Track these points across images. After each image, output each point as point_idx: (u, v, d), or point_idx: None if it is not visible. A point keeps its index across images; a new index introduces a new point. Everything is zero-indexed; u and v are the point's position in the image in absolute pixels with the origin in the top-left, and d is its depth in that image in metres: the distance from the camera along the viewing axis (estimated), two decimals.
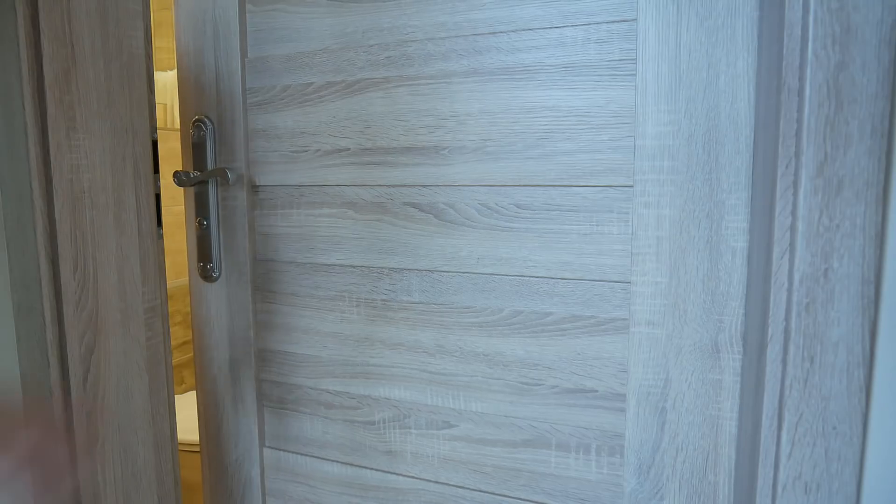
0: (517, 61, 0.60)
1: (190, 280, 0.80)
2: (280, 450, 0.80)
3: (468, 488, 0.68)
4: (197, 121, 0.76)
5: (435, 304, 0.67)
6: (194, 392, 1.94)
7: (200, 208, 0.77)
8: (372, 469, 0.73)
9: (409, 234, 0.68)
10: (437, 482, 0.70)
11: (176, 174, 0.78)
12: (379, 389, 0.72)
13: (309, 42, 0.70)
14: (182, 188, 0.66)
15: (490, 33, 0.61)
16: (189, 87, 0.77)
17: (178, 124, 2.11)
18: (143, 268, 0.84)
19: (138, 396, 0.83)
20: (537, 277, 0.62)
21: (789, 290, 0.47)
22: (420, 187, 0.66)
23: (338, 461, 0.75)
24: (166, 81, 2.11)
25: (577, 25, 0.58)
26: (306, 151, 0.72)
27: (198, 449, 1.54)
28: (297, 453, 0.79)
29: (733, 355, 0.52)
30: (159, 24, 2.07)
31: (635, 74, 0.55)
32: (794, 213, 0.46)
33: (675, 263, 0.55)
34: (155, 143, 0.85)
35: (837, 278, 0.46)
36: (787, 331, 0.47)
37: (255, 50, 0.73)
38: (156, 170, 0.85)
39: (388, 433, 0.73)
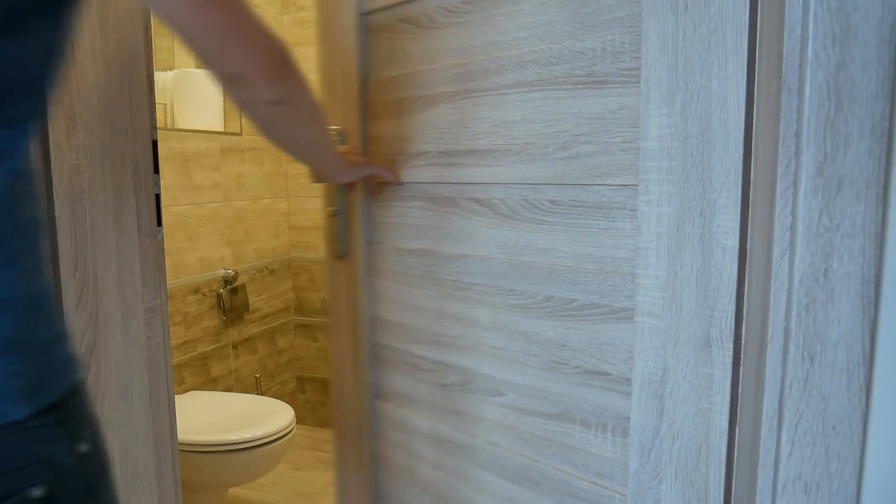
0: (550, 73, 0.66)
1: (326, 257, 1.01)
2: (384, 401, 0.93)
3: (511, 451, 0.75)
4: (332, 129, 0.93)
5: (489, 286, 0.75)
6: (194, 392, 1.94)
7: (330, 200, 0.95)
8: (444, 425, 0.84)
9: (471, 224, 0.77)
10: (489, 443, 0.77)
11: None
12: (449, 357, 0.82)
13: (406, 63, 0.83)
14: (316, 183, 0.90)
15: (530, 49, 0.68)
16: (327, 101, 0.96)
17: (178, 124, 2.11)
18: (143, 268, 0.84)
19: (138, 396, 0.83)
20: (565, 267, 0.67)
21: (789, 290, 0.47)
22: (480, 185, 0.75)
23: (421, 415, 0.87)
24: (166, 81, 2.11)
25: (596, 38, 0.61)
26: (402, 154, 0.85)
27: (200, 449, 1.55)
28: (395, 405, 0.92)
29: (723, 351, 0.53)
30: (159, 24, 2.07)
31: (639, 81, 0.57)
32: (794, 212, 0.46)
33: (673, 258, 0.56)
34: (155, 144, 0.85)
35: (837, 278, 0.46)
36: (787, 330, 0.47)
37: (372, 71, 0.89)
38: (156, 170, 0.85)
39: (455, 395, 0.82)
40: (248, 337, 2.43)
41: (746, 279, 0.52)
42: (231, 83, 0.64)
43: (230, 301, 2.26)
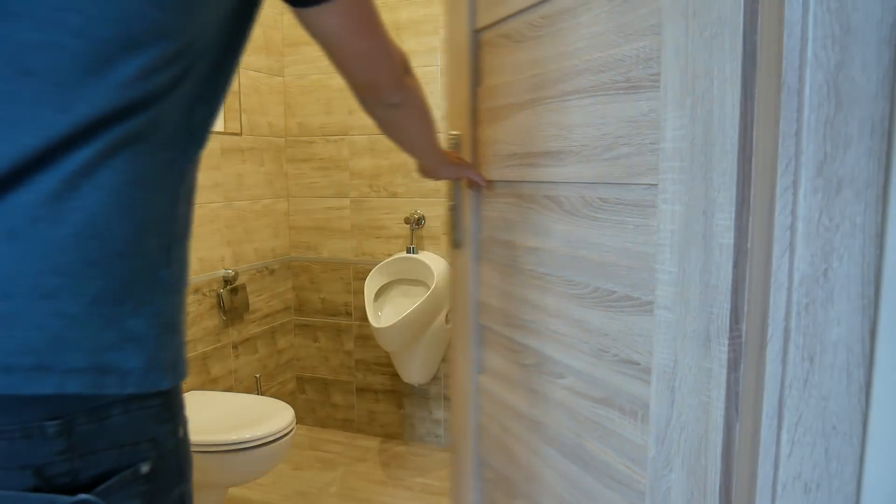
0: (599, 80, 0.70)
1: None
2: (485, 376, 1.04)
3: (569, 430, 0.80)
4: (452, 134, 1.07)
5: (555, 276, 0.82)
6: (194, 392, 1.94)
7: (450, 196, 1.09)
8: (523, 401, 0.91)
9: (544, 219, 0.84)
10: (554, 421, 0.83)
11: None
12: (528, 340, 0.89)
13: (502, 74, 0.93)
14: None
15: (585, 58, 0.72)
16: (449, 110, 1.11)
17: None
18: None
19: None
20: (609, 261, 0.71)
21: (789, 290, 0.47)
22: (550, 183, 0.82)
23: (509, 391, 0.96)
24: None
25: (632, 45, 0.64)
26: (497, 155, 0.95)
27: (200, 449, 1.54)
28: (492, 381, 1.01)
29: (721, 347, 0.53)
30: None
31: (659, 85, 0.59)
32: (793, 212, 0.46)
33: (682, 255, 0.57)
34: None
35: (837, 278, 0.46)
36: (786, 330, 0.47)
37: (480, 82, 1.00)
38: None
39: (532, 375, 0.89)
40: (248, 337, 2.43)
41: (746, 278, 0.52)
42: (364, 90, 0.76)
43: (230, 301, 2.25)
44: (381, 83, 0.75)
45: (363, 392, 2.61)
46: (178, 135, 0.57)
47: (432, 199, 2.39)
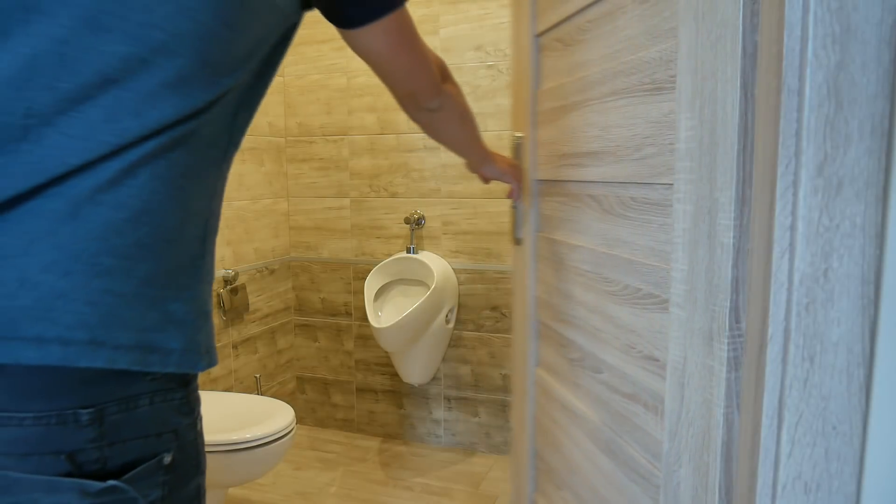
0: (630, 82, 0.71)
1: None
2: (539, 370, 1.08)
3: (604, 424, 0.82)
4: (516, 136, 1.11)
5: (594, 273, 0.84)
6: None
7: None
8: (570, 395, 0.94)
9: (587, 217, 0.86)
10: (592, 415, 0.86)
11: None
12: (573, 334, 0.92)
13: (556, 77, 0.96)
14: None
15: (620, 61, 0.73)
16: (513, 112, 1.16)
17: None
18: None
19: None
20: (636, 259, 0.72)
21: (789, 290, 0.47)
22: (592, 182, 0.84)
23: (558, 385, 0.99)
24: None
25: (656, 47, 0.65)
26: (552, 155, 0.98)
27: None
28: (546, 374, 1.05)
29: (721, 345, 0.54)
30: None
31: (675, 87, 0.61)
32: (794, 212, 0.46)
33: (692, 254, 0.58)
34: None
35: (837, 278, 0.46)
36: (787, 331, 0.47)
37: (540, 84, 1.04)
38: None
39: (576, 369, 0.91)
40: (248, 337, 2.43)
41: (747, 277, 0.52)
42: (405, 98, 0.84)
43: (230, 301, 2.25)
44: (421, 91, 0.82)
45: (363, 392, 2.61)
46: (221, 136, 0.62)
47: (432, 199, 2.39)
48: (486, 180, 1.11)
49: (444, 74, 0.88)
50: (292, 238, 2.64)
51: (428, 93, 0.83)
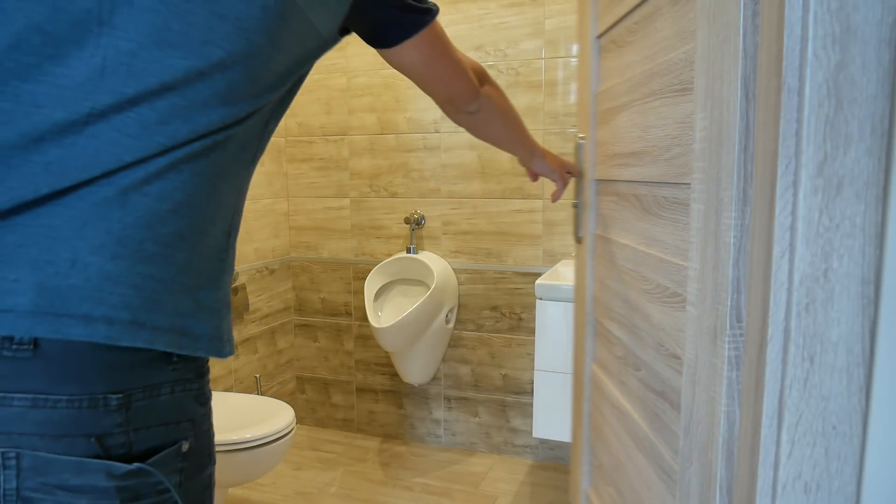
0: (663, 83, 0.73)
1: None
2: (596, 366, 1.11)
3: (640, 421, 0.84)
4: (579, 137, 1.15)
5: (635, 271, 0.85)
6: None
7: (574, 193, 1.19)
8: (616, 391, 0.96)
9: (632, 216, 0.87)
10: (631, 412, 0.88)
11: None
12: (619, 332, 0.93)
13: (611, 78, 0.98)
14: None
15: (657, 62, 0.75)
16: (578, 113, 1.21)
17: None
18: None
19: None
20: (666, 258, 0.73)
21: (789, 290, 0.47)
22: (635, 182, 0.86)
23: (608, 381, 1.01)
24: None
25: (683, 48, 0.66)
26: (606, 155, 1.00)
27: None
28: (599, 371, 1.07)
29: (724, 343, 0.54)
30: None
31: (693, 88, 0.62)
32: (794, 213, 0.46)
33: (703, 253, 0.58)
34: None
35: (837, 278, 0.46)
36: (787, 331, 0.47)
37: (599, 86, 1.06)
38: None
39: (621, 367, 0.93)
40: (248, 337, 2.43)
41: (747, 277, 0.52)
42: (444, 103, 0.90)
43: None
44: (459, 96, 0.87)
45: (363, 392, 2.61)
46: (253, 141, 0.66)
47: (432, 199, 2.39)
48: (534, 177, 1.15)
49: (481, 77, 0.92)
50: (292, 238, 2.64)
51: (466, 97, 0.88)
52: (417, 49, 0.75)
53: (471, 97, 0.88)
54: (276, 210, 2.54)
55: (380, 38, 0.74)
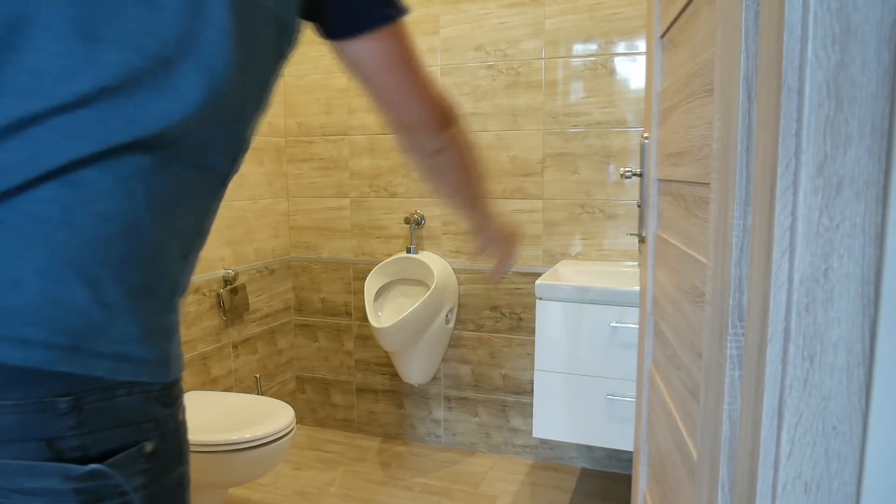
0: (700, 83, 0.74)
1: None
2: (653, 365, 1.12)
3: (679, 422, 0.84)
4: (643, 136, 1.15)
5: (679, 272, 0.86)
6: (194, 392, 1.94)
7: (639, 194, 1.20)
8: (665, 391, 0.98)
9: (679, 215, 0.88)
10: (673, 411, 0.89)
11: (626, 171, 1.40)
12: (667, 331, 0.95)
13: (668, 78, 1.00)
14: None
15: (695, 62, 0.76)
16: (644, 113, 1.22)
17: None
18: None
19: None
20: (698, 257, 0.74)
21: (789, 290, 0.47)
22: (681, 182, 0.87)
23: (660, 380, 1.03)
24: None
25: (711, 50, 0.67)
26: (663, 155, 1.02)
27: (200, 449, 1.54)
28: (655, 370, 1.08)
29: (726, 342, 0.55)
30: None
31: (713, 89, 0.63)
32: (793, 213, 0.46)
33: (715, 251, 0.59)
34: None
35: (837, 278, 0.46)
36: (787, 331, 0.47)
37: (661, 86, 1.08)
38: None
39: (669, 366, 0.95)
40: (248, 337, 2.43)
41: (748, 277, 0.52)
42: (400, 130, 0.78)
43: (230, 301, 2.25)
44: (416, 124, 0.76)
45: (363, 392, 2.61)
46: (219, 158, 0.63)
47: (432, 199, 2.39)
48: (482, 249, 1.02)
49: (450, 116, 0.81)
50: (292, 238, 2.64)
51: (424, 128, 0.77)
52: (376, 47, 0.68)
53: (430, 130, 0.77)
54: (276, 210, 2.54)
55: (335, 25, 0.67)
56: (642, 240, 1.18)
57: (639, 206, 1.18)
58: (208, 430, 1.59)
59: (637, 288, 1.77)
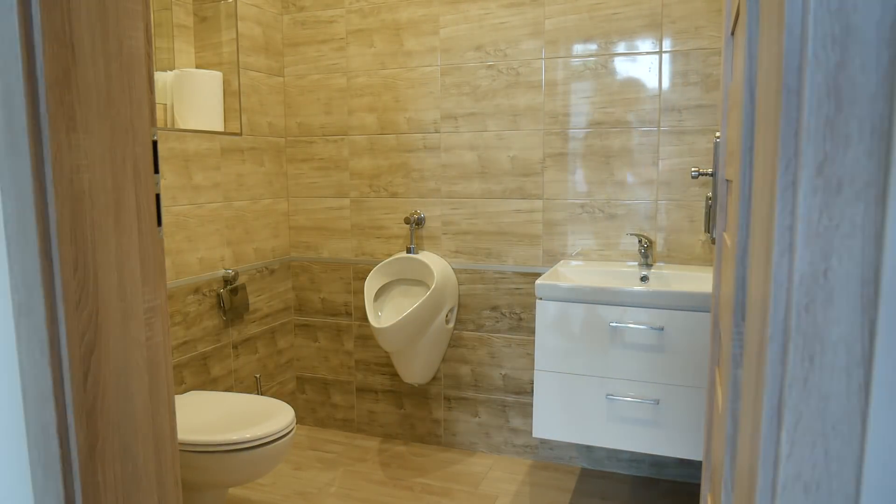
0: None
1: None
2: (717, 367, 1.09)
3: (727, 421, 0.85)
4: (715, 136, 1.12)
5: (731, 272, 0.87)
6: (194, 392, 1.94)
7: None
8: (719, 392, 0.94)
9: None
10: (724, 416, 0.91)
11: (693, 170, 1.50)
12: (719, 332, 0.94)
13: (732, 80, 0.98)
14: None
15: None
16: (719, 113, 1.19)
17: (178, 124, 2.11)
18: (143, 268, 0.84)
19: (138, 396, 0.83)
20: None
21: (789, 290, 0.47)
22: (731, 181, 0.84)
23: (718, 382, 1.00)
24: (166, 81, 2.10)
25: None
26: (729, 154, 1.00)
27: (200, 449, 1.54)
28: (717, 371, 1.05)
29: (730, 341, 0.54)
30: (159, 24, 2.07)
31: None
32: (793, 213, 0.46)
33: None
34: (155, 144, 0.85)
35: (837, 278, 0.46)
36: (786, 331, 0.47)
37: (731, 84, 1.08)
38: (156, 170, 0.85)
39: (726, 367, 1.00)
40: (248, 337, 2.43)
41: (749, 277, 0.52)
42: None
43: (230, 301, 2.25)
44: None
45: (363, 392, 2.61)
46: None
47: (432, 199, 2.39)
48: None
49: None
50: (292, 238, 2.64)
51: None
52: None
53: None
54: (276, 210, 2.54)
55: None
56: (712, 241, 1.19)
57: (710, 206, 1.19)
58: (208, 430, 1.59)
59: (637, 288, 1.77)
